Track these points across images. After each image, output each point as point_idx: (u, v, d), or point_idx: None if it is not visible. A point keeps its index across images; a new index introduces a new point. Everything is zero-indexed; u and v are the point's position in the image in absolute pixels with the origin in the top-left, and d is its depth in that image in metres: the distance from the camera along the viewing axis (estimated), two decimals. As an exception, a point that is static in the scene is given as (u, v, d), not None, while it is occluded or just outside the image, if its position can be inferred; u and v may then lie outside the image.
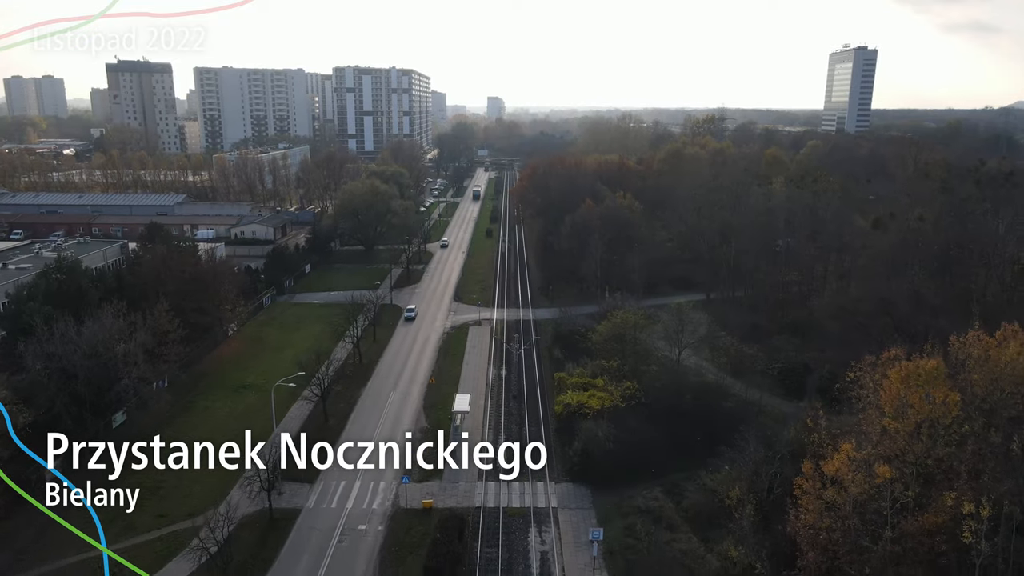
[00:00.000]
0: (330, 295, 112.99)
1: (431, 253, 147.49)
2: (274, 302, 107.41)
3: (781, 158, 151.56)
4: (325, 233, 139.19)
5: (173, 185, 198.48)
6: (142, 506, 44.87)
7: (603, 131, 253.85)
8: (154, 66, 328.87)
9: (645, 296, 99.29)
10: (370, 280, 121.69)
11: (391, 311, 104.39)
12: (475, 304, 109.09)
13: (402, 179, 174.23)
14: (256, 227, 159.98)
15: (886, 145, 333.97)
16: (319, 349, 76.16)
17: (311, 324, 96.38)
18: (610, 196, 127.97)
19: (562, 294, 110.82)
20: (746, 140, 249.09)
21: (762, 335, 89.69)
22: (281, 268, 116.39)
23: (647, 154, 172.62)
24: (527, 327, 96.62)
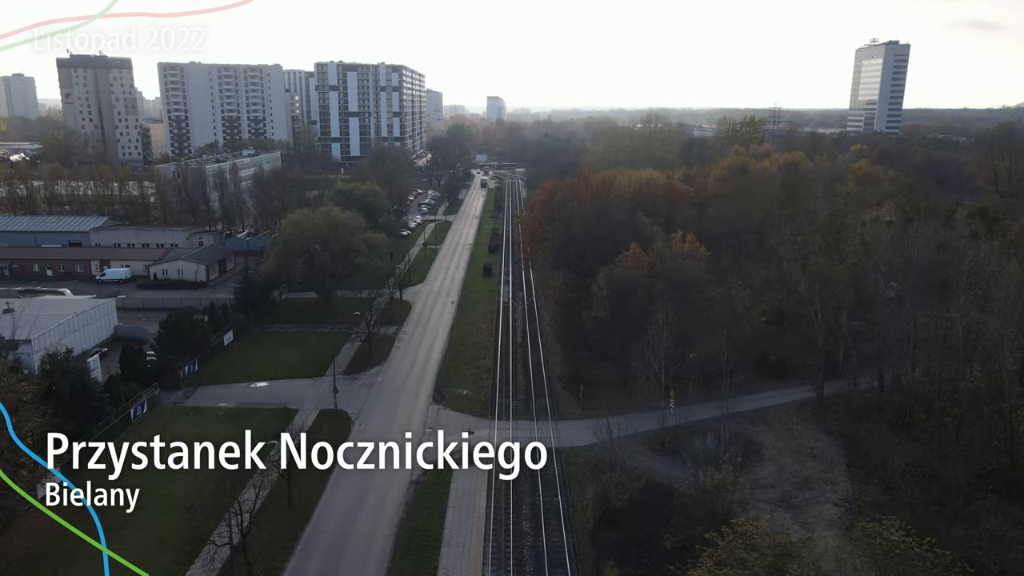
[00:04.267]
0: (250, 391, 75.53)
1: (409, 304, 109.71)
2: (154, 409, 69.65)
3: (877, 175, 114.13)
4: (263, 281, 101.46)
5: (98, 203, 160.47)
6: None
7: (621, 136, 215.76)
8: (111, 61, 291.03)
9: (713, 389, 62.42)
10: (317, 356, 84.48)
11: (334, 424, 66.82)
12: (464, 410, 71.41)
13: (376, 199, 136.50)
14: (183, 264, 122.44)
15: (941, 149, 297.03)
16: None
17: (174, 485, 58.37)
18: (659, 234, 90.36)
19: (598, 391, 73.51)
20: (789, 145, 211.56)
21: (946, 493, 52.54)
22: (179, 343, 78.65)
23: (695, 169, 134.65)
24: (549, 475, 58.88)
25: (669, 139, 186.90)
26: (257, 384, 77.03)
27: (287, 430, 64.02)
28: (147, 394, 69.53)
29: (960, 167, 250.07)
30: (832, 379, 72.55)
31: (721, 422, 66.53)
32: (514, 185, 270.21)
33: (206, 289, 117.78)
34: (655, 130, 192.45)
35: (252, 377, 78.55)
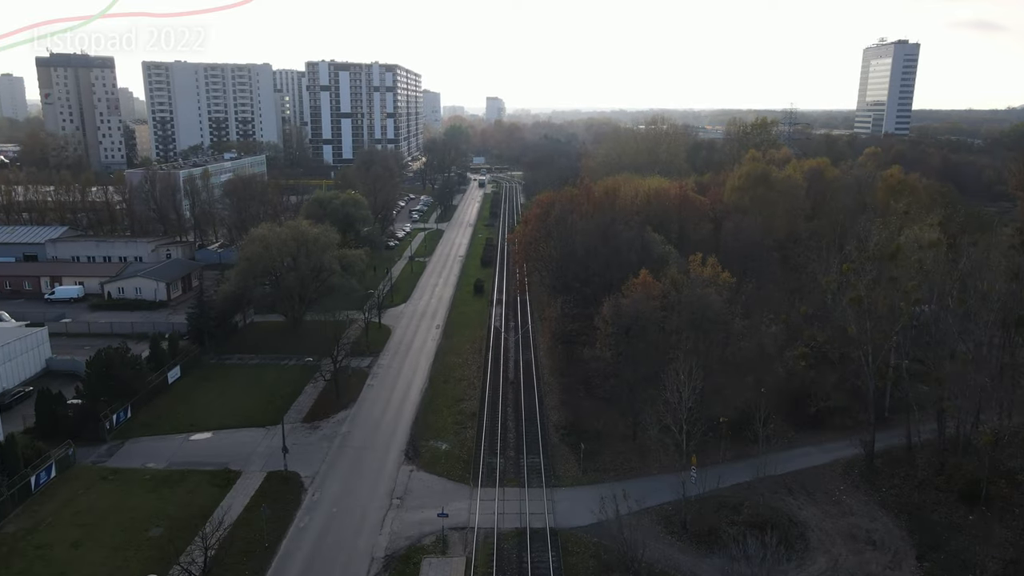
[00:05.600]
0: (188, 446, 63.56)
1: (389, 329, 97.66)
2: (65, 473, 57.53)
3: (912, 183, 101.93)
4: (222, 305, 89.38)
5: (61, 211, 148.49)
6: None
7: (625, 138, 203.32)
8: (93, 60, 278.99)
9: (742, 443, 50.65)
10: (275, 397, 72.62)
11: (282, 493, 54.87)
12: (441, 471, 59.35)
13: (357, 210, 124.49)
14: (141, 282, 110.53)
15: (956, 152, 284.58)
16: None
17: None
18: (671, 254, 78.34)
19: (602, 446, 61.60)
20: (804, 149, 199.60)
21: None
22: (110, 386, 66.61)
23: (709, 177, 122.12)
24: (541, 569, 46.84)
25: (675, 142, 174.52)
26: (198, 436, 65.00)
27: (218, 506, 52.61)
28: (58, 454, 57.53)
29: (979, 171, 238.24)
30: (879, 427, 60.58)
31: (753, 490, 54.85)
32: (512, 190, 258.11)
33: (165, 310, 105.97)
34: (660, 132, 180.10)
35: (194, 426, 66.54)
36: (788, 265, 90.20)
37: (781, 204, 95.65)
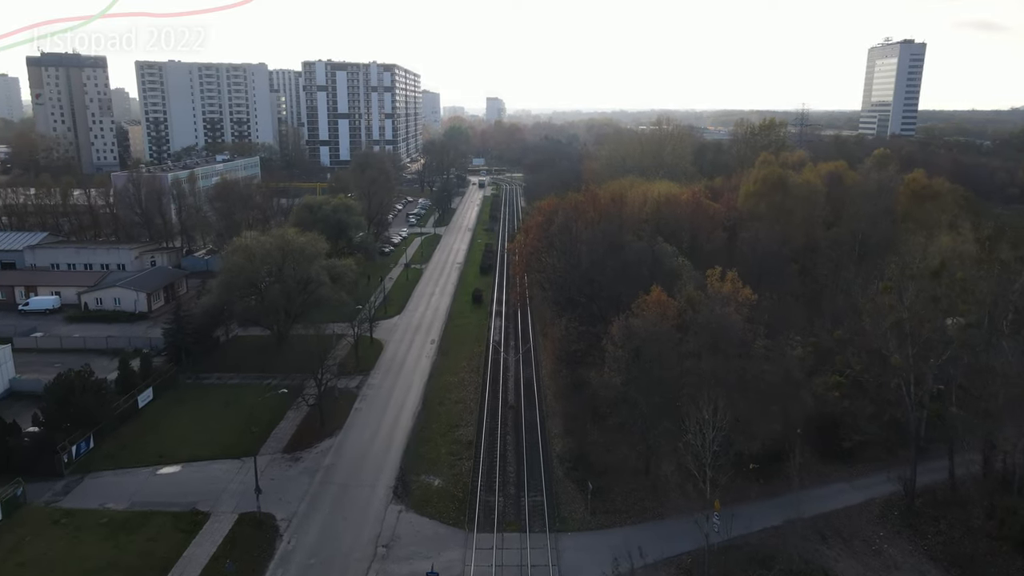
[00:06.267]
0: (154, 481, 57.63)
1: (381, 344, 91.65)
2: (12, 516, 51.51)
3: (937, 188, 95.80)
4: (201, 319, 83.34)
5: (43, 215, 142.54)
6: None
7: (628, 139, 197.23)
8: (84, 59, 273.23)
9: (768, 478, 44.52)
10: (254, 423, 66.39)
11: (254, 541, 48.90)
12: (433, 513, 53.32)
13: (349, 216, 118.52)
14: (120, 292, 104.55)
15: (965, 153, 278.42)
16: None
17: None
18: (685, 267, 72.34)
19: (612, 481, 55.64)
20: (814, 151, 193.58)
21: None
22: (69, 413, 60.63)
23: (721, 182, 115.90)
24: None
25: (680, 143, 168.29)
26: (167, 469, 59.07)
27: (181, 557, 46.61)
28: (4, 494, 51.55)
29: (991, 173, 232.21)
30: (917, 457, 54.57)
31: (782, 536, 48.73)
32: (512, 192, 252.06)
33: (145, 322, 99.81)
34: (665, 133, 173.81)
35: (163, 458, 60.60)
36: (807, 277, 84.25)
37: (799, 211, 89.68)
